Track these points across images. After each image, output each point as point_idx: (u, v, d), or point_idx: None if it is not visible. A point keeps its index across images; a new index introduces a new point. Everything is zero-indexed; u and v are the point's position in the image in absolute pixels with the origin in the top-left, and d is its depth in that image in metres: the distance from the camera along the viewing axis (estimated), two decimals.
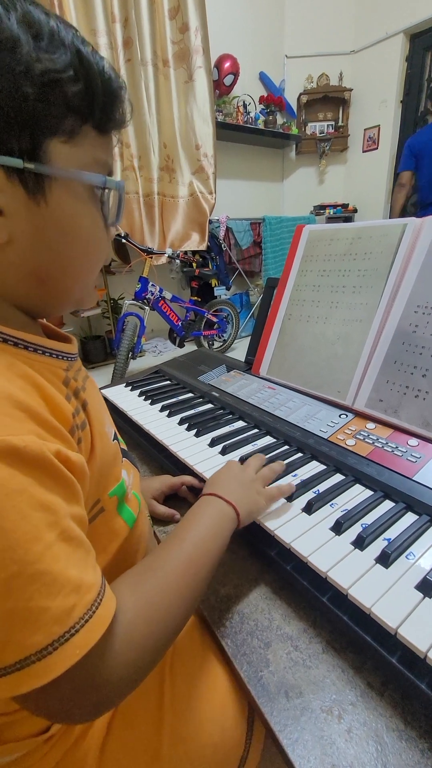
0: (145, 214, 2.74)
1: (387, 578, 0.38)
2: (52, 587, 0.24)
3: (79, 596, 0.26)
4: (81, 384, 0.38)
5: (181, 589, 0.34)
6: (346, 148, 3.86)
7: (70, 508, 0.28)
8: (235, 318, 3.13)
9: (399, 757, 0.31)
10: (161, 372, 0.97)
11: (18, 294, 0.32)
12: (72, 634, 0.25)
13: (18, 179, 0.28)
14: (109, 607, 0.28)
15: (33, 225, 0.30)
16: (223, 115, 3.13)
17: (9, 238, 0.29)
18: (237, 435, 0.66)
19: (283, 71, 3.62)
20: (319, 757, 0.31)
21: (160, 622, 0.31)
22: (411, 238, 0.64)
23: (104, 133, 0.32)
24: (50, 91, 0.27)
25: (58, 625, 0.24)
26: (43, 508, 0.25)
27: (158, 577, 0.34)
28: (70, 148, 0.30)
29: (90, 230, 0.33)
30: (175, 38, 2.60)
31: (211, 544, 0.38)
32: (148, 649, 0.30)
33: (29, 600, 0.24)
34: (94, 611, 0.26)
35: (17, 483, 0.24)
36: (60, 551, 0.25)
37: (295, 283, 0.80)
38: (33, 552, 0.24)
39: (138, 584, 0.33)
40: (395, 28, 3.28)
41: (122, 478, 0.42)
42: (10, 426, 0.25)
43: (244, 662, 0.38)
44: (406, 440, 0.57)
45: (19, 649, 0.24)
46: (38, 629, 0.24)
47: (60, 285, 0.34)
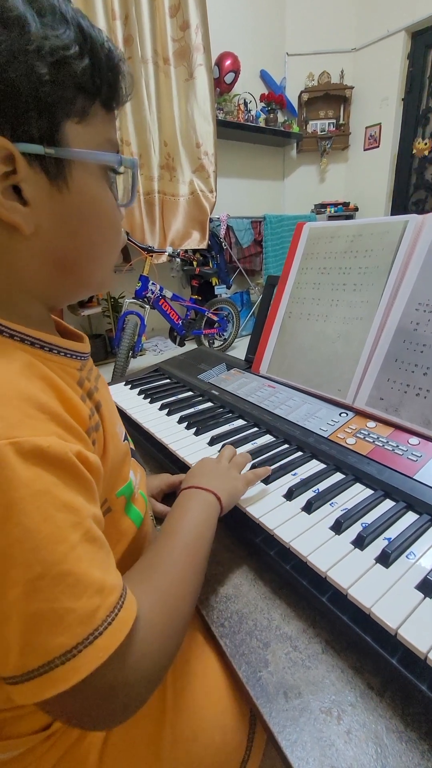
0: (145, 212, 2.74)
1: (387, 578, 0.37)
2: (77, 588, 0.24)
3: (103, 597, 0.25)
4: (94, 384, 0.38)
5: (186, 579, 0.35)
6: (348, 146, 3.85)
7: (91, 508, 0.28)
8: (235, 317, 3.13)
9: (399, 759, 0.30)
10: (161, 370, 0.96)
11: (42, 285, 0.32)
12: (96, 636, 0.24)
13: (39, 166, 0.28)
14: (131, 608, 0.27)
15: (56, 213, 0.29)
16: (224, 113, 3.12)
17: (35, 229, 0.29)
18: (236, 433, 0.65)
19: (284, 69, 3.61)
20: (318, 759, 0.31)
21: (174, 612, 0.32)
22: (412, 236, 0.63)
23: (110, 111, 0.31)
24: (60, 70, 0.26)
25: (82, 627, 0.24)
26: (67, 509, 0.25)
27: (163, 571, 0.34)
28: (83, 129, 0.29)
29: (109, 212, 0.33)
30: (176, 36, 2.59)
31: (203, 531, 0.40)
32: (167, 641, 0.31)
33: (54, 601, 0.23)
34: (117, 613, 0.26)
35: (42, 484, 0.24)
36: (83, 552, 0.25)
37: (295, 280, 0.80)
38: (57, 553, 0.24)
39: (145, 581, 0.33)
40: (397, 25, 3.27)
41: (130, 478, 0.42)
42: (34, 427, 0.25)
43: (242, 662, 0.38)
44: (406, 439, 0.56)
45: (44, 652, 0.23)
46: (63, 631, 0.24)
47: (83, 271, 0.34)
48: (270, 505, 0.49)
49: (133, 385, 0.89)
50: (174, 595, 0.33)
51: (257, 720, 0.43)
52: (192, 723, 0.39)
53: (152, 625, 0.29)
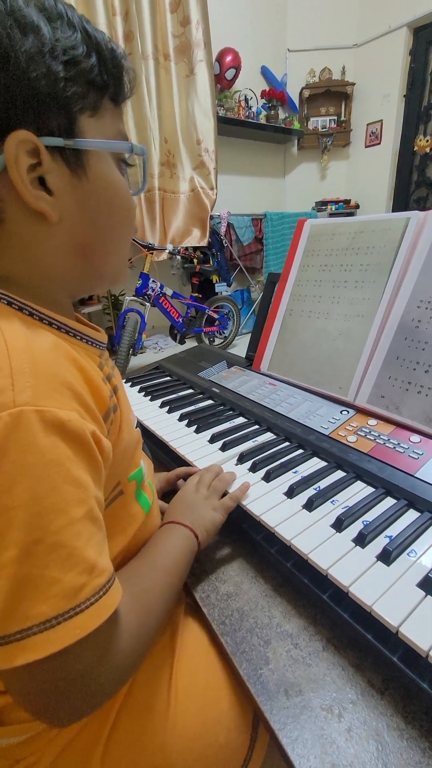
0: (145, 209, 2.73)
1: (388, 576, 0.37)
2: (68, 561, 0.25)
3: (91, 577, 0.26)
4: (111, 371, 0.40)
5: (162, 592, 0.37)
6: (349, 143, 3.83)
7: (96, 490, 0.28)
8: (236, 315, 3.12)
9: (400, 756, 0.30)
10: (161, 368, 0.96)
11: (66, 272, 0.34)
12: (77, 612, 0.25)
13: (61, 158, 0.30)
14: (115, 596, 0.28)
15: (77, 201, 0.32)
16: (225, 110, 3.10)
17: (60, 217, 0.31)
18: (237, 431, 0.65)
19: (285, 65, 3.59)
20: (319, 756, 0.31)
21: (148, 619, 0.34)
22: (414, 232, 0.63)
23: (118, 104, 0.34)
24: (73, 68, 0.29)
25: (65, 600, 0.25)
26: (76, 484, 0.26)
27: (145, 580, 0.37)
28: (96, 122, 0.32)
29: (124, 197, 0.35)
30: (176, 32, 2.58)
31: (180, 560, 0.42)
32: (140, 641, 0.31)
33: (44, 568, 0.24)
34: (101, 596, 0.26)
35: (57, 454, 0.25)
36: (83, 529, 0.26)
37: (296, 278, 0.79)
38: (57, 523, 0.25)
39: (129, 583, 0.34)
40: (398, 21, 3.24)
41: (140, 465, 0.43)
42: (59, 400, 0.27)
43: (243, 660, 0.38)
44: (408, 437, 0.56)
45: (24, 617, 0.24)
46: (46, 599, 0.24)
47: (102, 258, 0.36)
48: (271, 502, 0.48)
49: (133, 382, 0.88)
50: (150, 602, 0.35)
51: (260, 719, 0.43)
52: (195, 721, 0.39)
53: (129, 623, 0.31)
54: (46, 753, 0.35)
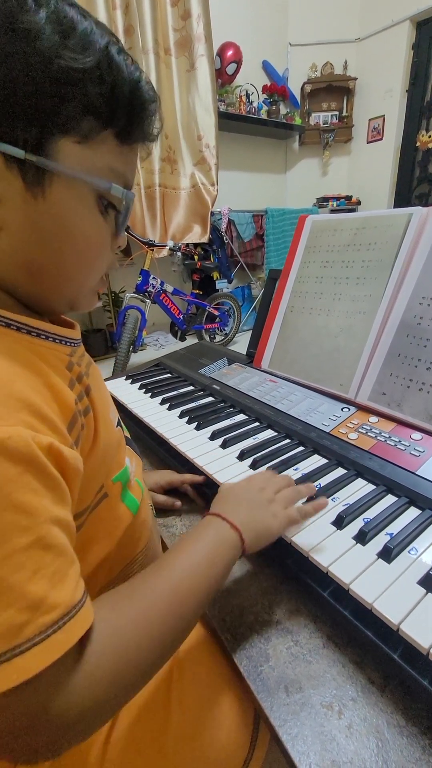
0: (146, 206, 2.71)
1: (389, 573, 0.37)
2: (5, 598, 0.22)
3: (36, 614, 0.23)
4: (84, 369, 0.38)
5: (161, 626, 0.30)
6: (350, 138, 3.81)
7: (55, 510, 0.25)
8: (236, 311, 3.12)
9: (400, 753, 0.30)
10: (162, 365, 0.96)
11: (12, 282, 0.32)
12: (15, 654, 0.22)
13: (18, 169, 0.28)
14: (73, 632, 0.24)
15: (27, 216, 0.29)
16: (226, 105, 3.08)
17: (2, 225, 0.29)
18: (238, 428, 0.65)
19: (286, 60, 3.56)
20: (319, 753, 0.31)
21: (131, 661, 0.27)
22: (416, 228, 0.62)
23: (126, 144, 0.32)
24: (69, 89, 0.27)
25: (2, 640, 0.22)
26: (19, 510, 0.23)
27: (138, 609, 0.29)
28: (82, 150, 0.29)
29: (89, 234, 0.32)
30: (177, 26, 2.56)
31: (204, 575, 0.34)
32: (111, 690, 0.26)
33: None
34: (50, 634, 0.23)
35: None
36: (28, 560, 0.23)
37: (297, 274, 0.79)
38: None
39: (116, 611, 0.29)
40: (401, 15, 3.21)
41: (125, 465, 0.42)
42: (6, 419, 0.24)
43: (243, 657, 0.38)
44: (409, 434, 0.56)
45: None
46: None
47: (52, 282, 0.33)
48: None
49: (133, 379, 0.88)
50: (137, 640, 0.28)
51: (260, 717, 0.43)
52: (196, 720, 0.39)
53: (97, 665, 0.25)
54: None
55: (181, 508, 0.58)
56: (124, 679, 0.27)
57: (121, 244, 0.37)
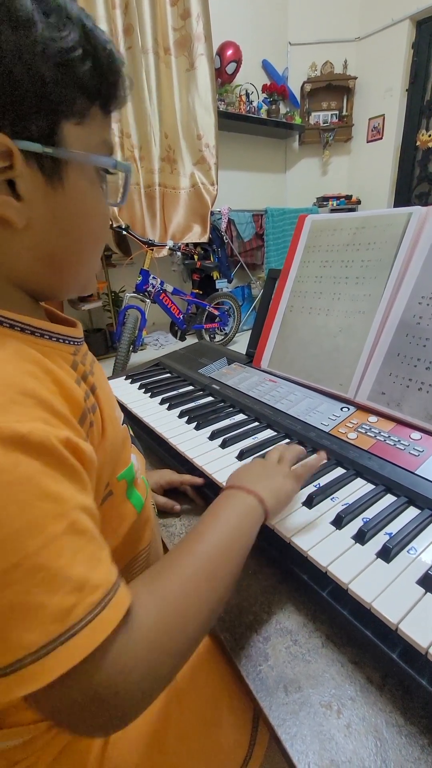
0: (146, 205, 2.71)
1: (388, 573, 0.37)
2: (52, 583, 0.23)
3: (82, 595, 0.24)
4: (89, 368, 0.38)
5: (200, 593, 0.31)
6: (350, 138, 3.80)
7: (81, 498, 0.26)
8: (236, 311, 3.11)
9: (399, 752, 0.30)
10: (161, 365, 0.96)
11: (29, 278, 0.32)
12: (70, 636, 0.23)
13: (36, 164, 0.28)
14: (118, 609, 0.25)
15: (50, 210, 0.30)
16: (225, 105, 3.08)
17: (27, 224, 0.29)
18: (237, 428, 0.65)
19: (286, 59, 3.56)
20: (317, 752, 0.31)
21: (176, 628, 0.29)
22: (416, 228, 0.62)
23: (107, 113, 0.32)
24: (64, 72, 0.27)
25: (55, 624, 0.23)
26: (50, 499, 0.24)
27: (175, 580, 0.31)
28: (81, 131, 0.30)
29: (100, 213, 0.34)
30: (177, 25, 2.55)
31: (234, 542, 0.35)
32: (162, 657, 0.28)
33: (26, 594, 0.22)
34: (99, 612, 0.24)
35: (21, 471, 0.23)
36: (65, 545, 0.24)
37: (297, 274, 0.79)
38: (33, 545, 0.23)
39: (154, 585, 0.30)
40: (401, 13, 3.21)
41: (131, 462, 0.42)
42: (17, 413, 0.25)
43: (242, 656, 0.38)
44: (408, 434, 0.56)
45: (15, 648, 0.22)
46: (35, 627, 0.22)
47: (71, 269, 0.34)
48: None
49: (133, 379, 0.88)
50: (179, 609, 0.30)
51: (260, 717, 0.43)
52: (195, 719, 0.39)
53: (145, 636, 0.27)
54: (44, 755, 0.35)
55: (181, 509, 0.58)
56: (173, 645, 0.28)
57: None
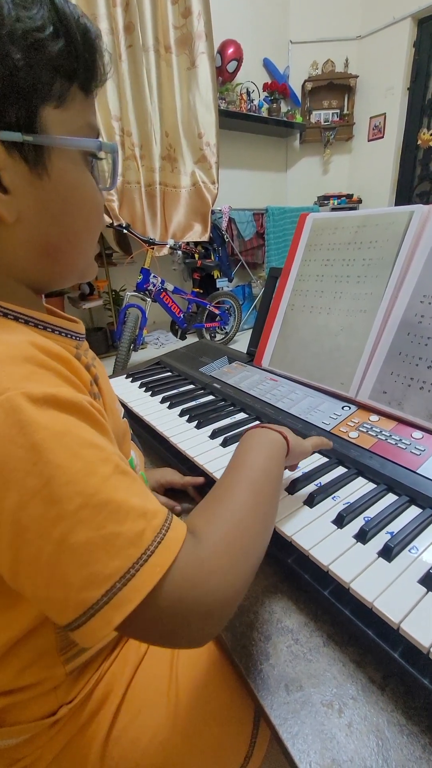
0: (146, 204, 2.71)
1: (390, 572, 0.37)
2: (119, 514, 0.25)
3: (147, 520, 0.26)
4: (90, 361, 0.38)
5: (250, 511, 0.33)
6: (351, 137, 3.79)
7: (113, 448, 0.28)
8: (237, 310, 3.11)
9: (400, 752, 0.30)
10: (162, 363, 0.96)
11: (27, 271, 0.32)
12: (150, 555, 0.25)
13: (19, 154, 0.27)
14: (179, 529, 0.28)
15: (38, 200, 0.29)
16: (226, 103, 3.07)
17: (18, 217, 0.29)
18: (238, 427, 0.65)
19: (287, 57, 3.55)
20: (319, 752, 0.31)
21: (237, 536, 0.31)
22: (418, 226, 0.62)
23: (89, 93, 0.31)
24: (35, 53, 0.26)
25: (133, 548, 0.25)
26: (92, 446, 0.26)
27: (226, 503, 0.33)
28: (61, 114, 0.29)
29: (90, 197, 0.33)
30: (177, 23, 2.55)
31: (269, 466, 0.38)
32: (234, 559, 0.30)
33: (100, 528, 0.24)
34: (165, 533, 0.26)
35: (61, 425, 0.25)
36: (118, 482, 0.26)
37: (298, 273, 0.79)
38: (92, 485, 0.24)
39: (208, 510, 0.33)
40: (403, 12, 3.20)
41: (131, 455, 0.43)
42: (41, 380, 0.26)
43: (243, 655, 0.38)
44: (410, 433, 0.56)
45: (104, 578, 0.24)
46: (116, 554, 0.24)
47: (67, 256, 0.34)
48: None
49: (134, 378, 0.88)
50: (235, 523, 0.32)
51: (260, 716, 0.43)
52: (196, 717, 0.39)
53: (214, 543, 0.29)
54: (45, 752, 0.35)
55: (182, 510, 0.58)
56: (240, 548, 0.30)
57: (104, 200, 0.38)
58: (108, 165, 0.35)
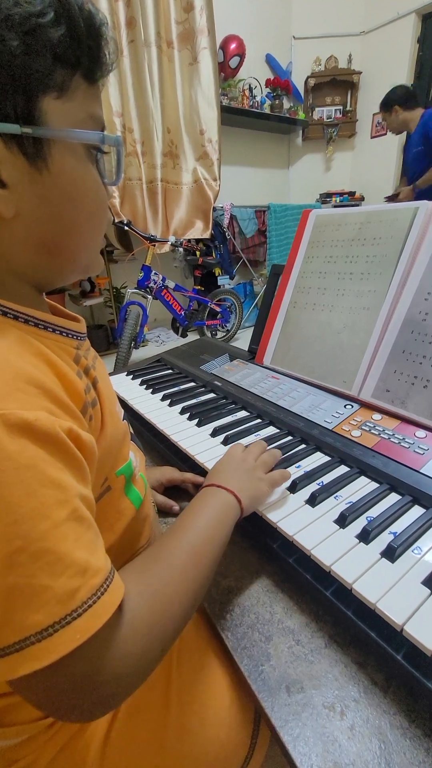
0: (148, 201, 2.70)
1: (393, 573, 0.37)
2: (56, 567, 0.24)
3: (85, 579, 0.25)
4: (91, 363, 0.37)
5: (185, 580, 0.33)
6: (354, 133, 3.77)
7: (80, 488, 0.27)
8: (238, 308, 3.10)
9: (403, 755, 0.30)
10: (163, 361, 0.95)
11: (28, 267, 0.31)
12: (74, 618, 0.24)
13: (17, 147, 0.26)
14: (115, 594, 0.26)
15: (37, 195, 0.28)
16: (228, 99, 3.06)
17: (16, 212, 0.28)
18: (239, 425, 0.64)
19: (290, 53, 3.53)
20: (320, 755, 0.30)
21: (165, 613, 0.30)
22: (422, 223, 0.61)
23: (93, 83, 0.30)
24: (34, 40, 0.25)
25: (60, 606, 0.23)
26: (54, 485, 0.24)
27: (163, 568, 0.33)
28: (63, 104, 0.28)
29: (93, 192, 0.32)
30: (180, 18, 2.53)
31: (215, 534, 0.38)
32: (153, 641, 0.29)
33: (32, 577, 0.23)
34: (99, 596, 0.25)
35: (27, 458, 0.24)
36: (68, 531, 0.25)
37: (300, 269, 0.78)
38: (38, 529, 0.23)
39: (143, 574, 0.32)
40: (407, 7, 3.17)
41: (129, 459, 0.42)
42: (23, 401, 0.25)
43: (244, 656, 0.37)
44: (413, 432, 0.55)
45: (19, 628, 0.23)
46: (39, 608, 0.23)
47: (69, 253, 0.33)
48: (273, 497, 0.48)
49: (134, 375, 0.88)
50: (168, 595, 0.31)
51: (261, 716, 0.43)
52: (196, 717, 0.39)
53: (138, 621, 0.28)
54: (44, 754, 0.35)
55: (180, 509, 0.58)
56: (162, 630, 0.30)
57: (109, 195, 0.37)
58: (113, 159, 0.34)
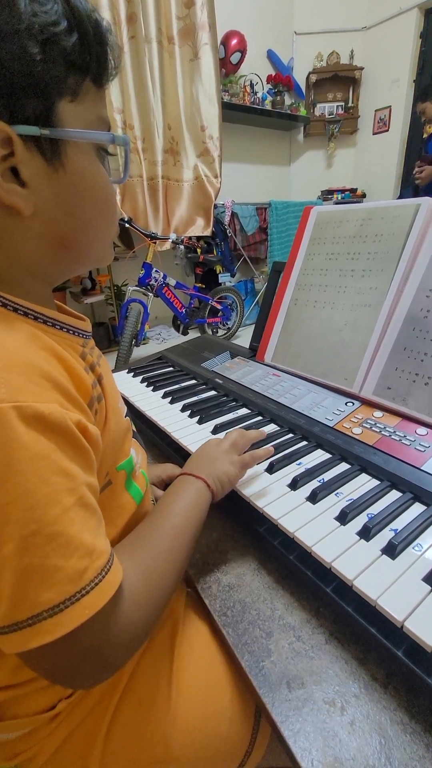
0: (148, 198, 2.69)
1: (393, 570, 0.37)
2: (67, 548, 0.26)
3: (92, 560, 0.27)
4: (96, 360, 0.39)
5: (171, 558, 0.36)
6: (356, 130, 3.75)
7: (86, 477, 0.29)
8: (239, 306, 3.10)
9: (403, 750, 0.30)
10: (164, 358, 0.95)
11: (41, 263, 0.33)
12: (83, 595, 0.26)
13: (36, 148, 0.28)
14: (117, 573, 0.29)
15: (54, 193, 0.30)
16: (230, 95, 3.04)
17: (34, 210, 0.29)
18: (240, 422, 0.64)
19: (291, 49, 3.50)
20: (321, 750, 0.30)
21: (157, 586, 0.34)
22: (424, 219, 0.61)
23: (101, 87, 0.32)
24: (51, 47, 0.27)
25: (70, 585, 0.26)
26: (63, 474, 0.26)
27: (152, 548, 0.36)
28: (76, 107, 0.29)
29: (104, 189, 0.34)
30: (181, 13, 2.51)
31: (191, 517, 0.41)
32: (149, 611, 0.32)
33: (45, 558, 0.25)
34: (104, 576, 0.27)
35: (41, 448, 0.25)
36: (76, 516, 0.27)
37: (302, 266, 0.78)
38: (51, 514, 0.25)
39: (134, 553, 0.35)
40: (409, 2, 3.15)
41: (131, 454, 0.43)
42: (37, 393, 0.26)
43: (245, 652, 0.38)
44: (414, 429, 0.55)
45: (32, 605, 0.25)
46: (51, 586, 0.25)
47: (83, 247, 0.34)
48: (274, 494, 0.48)
49: (136, 373, 0.88)
50: (158, 570, 0.35)
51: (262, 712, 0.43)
52: (197, 713, 0.39)
53: (136, 595, 0.31)
54: (45, 746, 0.35)
55: None
56: (155, 601, 0.33)
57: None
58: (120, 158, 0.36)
